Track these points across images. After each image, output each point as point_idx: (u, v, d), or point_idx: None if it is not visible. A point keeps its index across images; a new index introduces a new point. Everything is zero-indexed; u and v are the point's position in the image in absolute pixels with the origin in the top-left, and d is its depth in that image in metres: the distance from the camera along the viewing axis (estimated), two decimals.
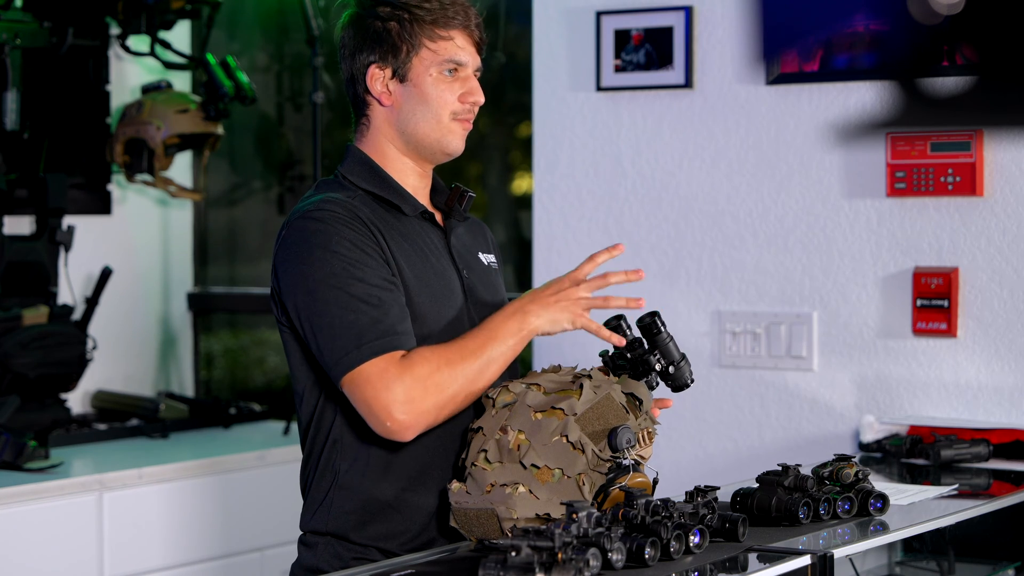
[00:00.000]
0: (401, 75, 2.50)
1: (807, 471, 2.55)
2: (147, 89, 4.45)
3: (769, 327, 3.70)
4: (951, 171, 3.49)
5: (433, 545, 2.45)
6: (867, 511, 2.55)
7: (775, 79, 3.69)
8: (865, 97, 3.61)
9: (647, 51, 3.81)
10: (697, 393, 3.70)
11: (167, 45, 4.47)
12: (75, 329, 4.13)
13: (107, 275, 4.24)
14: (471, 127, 2.55)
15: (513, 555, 1.95)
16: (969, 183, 3.47)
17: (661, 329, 2.45)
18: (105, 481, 3.64)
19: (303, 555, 2.52)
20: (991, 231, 3.48)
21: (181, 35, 4.69)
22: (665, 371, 2.45)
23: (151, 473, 3.74)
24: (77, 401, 4.39)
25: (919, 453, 3.29)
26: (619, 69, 3.85)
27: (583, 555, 1.97)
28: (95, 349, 4.21)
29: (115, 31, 4.46)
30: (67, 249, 4.16)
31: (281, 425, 4.40)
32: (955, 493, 2.91)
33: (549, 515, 2.25)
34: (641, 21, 3.82)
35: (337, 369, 2.37)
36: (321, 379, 2.47)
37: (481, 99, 2.53)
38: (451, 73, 2.51)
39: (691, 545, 2.18)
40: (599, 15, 3.86)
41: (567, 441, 2.29)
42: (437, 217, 2.59)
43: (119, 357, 4.52)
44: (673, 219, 3.83)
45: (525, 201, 4.33)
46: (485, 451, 2.32)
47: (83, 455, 3.91)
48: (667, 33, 3.79)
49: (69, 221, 4.22)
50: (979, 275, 3.49)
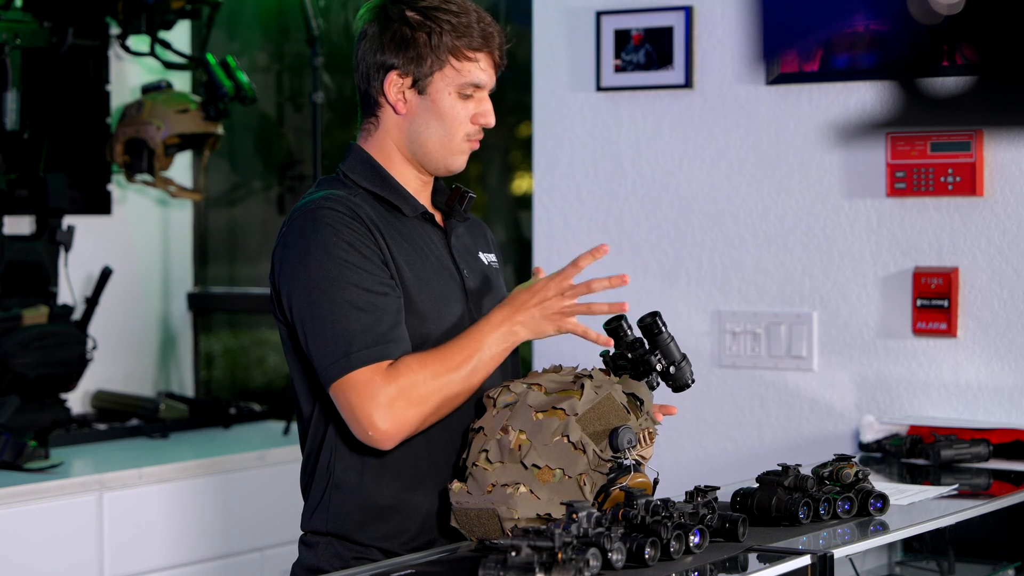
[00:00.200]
0: (420, 87, 2.49)
1: (807, 471, 2.55)
2: (147, 89, 4.45)
3: (769, 327, 3.70)
4: (951, 171, 3.49)
5: (434, 545, 2.46)
6: (867, 511, 2.55)
7: (775, 79, 3.69)
8: (865, 97, 3.61)
9: (647, 51, 3.81)
10: (697, 393, 3.70)
11: (167, 45, 4.47)
12: (75, 329, 4.13)
13: (107, 275, 4.23)
14: (477, 147, 2.54)
15: (513, 555, 1.95)
16: (969, 183, 3.47)
17: (662, 329, 2.45)
18: (105, 481, 3.64)
19: (304, 555, 2.52)
20: (991, 231, 3.48)
21: (181, 35, 4.69)
22: (666, 371, 2.45)
23: (151, 473, 3.74)
24: (77, 401, 4.39)
25: (919, 453, 3.29)
26: (619, 69, 3.85)
27: (583, 555, 1.97)
28: (95, 349, 4.21)
29: (115, 31, 4.46)
30: (67, 249, 4.16)
31: (281, 425, 4.40)
32: (955, 493, 2.91)
33: (550, 515, 2.25)
34: (641, 21, 3.82)
35: (326, 375, 2.39)
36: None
37: (492, 122, 2.52)
38: (469, 95, 2.51)
39: (691, 545, 2.18)
40: (599, 15, 3.86)
41: (568, 441, 2.29)
42: (437, 218, 2.59)
43: (119, 357, 4.52)
44: (673, 219, 3.83)
45: (525, 201, 4.33)
46: (486, 451, 2.32)
47: (83, 455, 3.91)
48: (667, 33, 3.79)
49: (69, 221, 4.21)
50: (979, 275, 3.49)
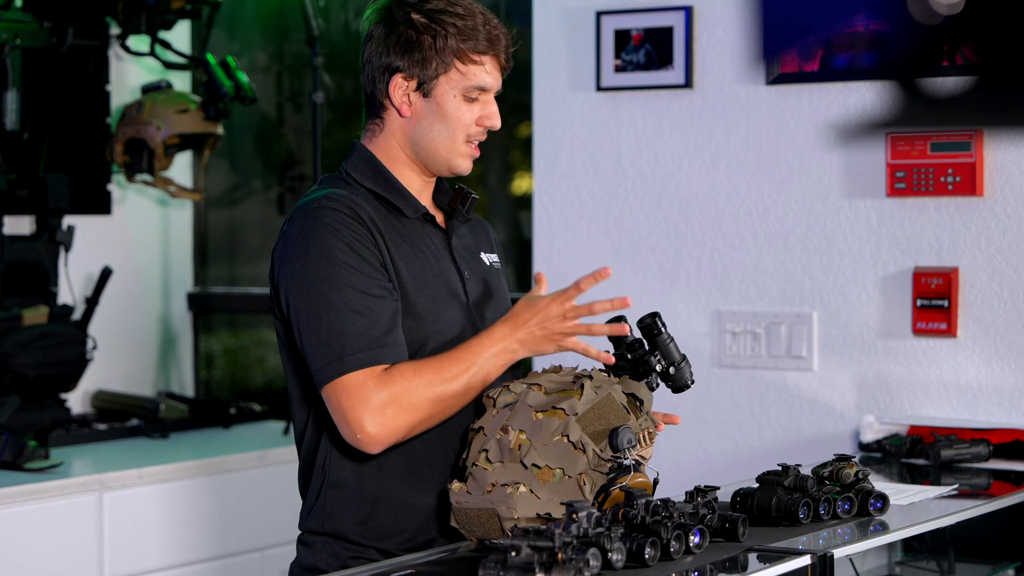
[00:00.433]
0: (426, 90, 2.49)
1: (807, 471, 2.55)
2: (147, 89, 4.45)
3: (769, 327, 3.70)
4: (951, 171, 3.49)
5: (433, 545, 2.45)
6: (867, 511, 2.55)
7: (775, 79, 3.69)
8: (865, 97, 3.61)
9: (647, 51, 3.81)
10: (697, 393, 3.70)
11: (167, 45, 4.47)
12: (75, 329, 4.13)
13: (107, 275, 4.23)
14: (478, 153, 2.54)
15: (513, 555, 1.95)
16: (969, 183, 3.47)
17: (662, 330, 2.45)
18: (105, 481, 3.64)
19: (301, 554, 2.52)
20: (991, 231, 3.48)
21: (181, 35, 4.69)
22: (666, 372, 2.45)
23: (151, 473, 3.74)
24: (77, 401, 4.39)
25: (919, 453, 3.29)
26: (619, 69, 3.85)
27: (583, 555, 1.97)
28: (95, 349, 4.21)
29: (115, 31, 4.46)
30: (67, 249, 4.16)
31: (281, 425, 4.40)
32: (955, 493, 2.91)
33: (550, 515, 2.25)
34: (641, 21, 3.82)
35: (319, 377, 2.39)
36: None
37: (498, 124, 2.53)
38: (475, 98, 2.51)
39: (691, 545, 2.18)
40: (599, 15, 3.86)
41: (568, 441, 2.29)
42: (439, 218, 2.59)
43: (119, 357, 4.52)
44: (673, 219, 3.82)
45: (525, 201, 4.33)
46: (486, 451, 2.32)
47: (83, 455, 3.91)
48: (667, 33, 3.79)
49: (69, 221, 4.21)
50: (979, 275, 3.49)
